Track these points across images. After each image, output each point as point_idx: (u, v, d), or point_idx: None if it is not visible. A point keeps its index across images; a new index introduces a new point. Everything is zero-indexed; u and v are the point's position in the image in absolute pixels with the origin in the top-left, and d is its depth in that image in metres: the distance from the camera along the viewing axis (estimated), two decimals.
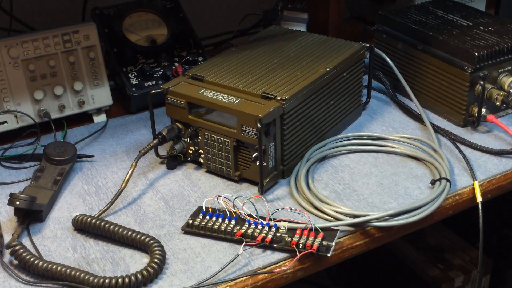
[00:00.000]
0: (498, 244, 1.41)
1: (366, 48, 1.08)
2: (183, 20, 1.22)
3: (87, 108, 1.13)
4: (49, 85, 1.09)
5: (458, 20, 1.17)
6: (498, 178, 0.95)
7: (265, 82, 0.95)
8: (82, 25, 1.10)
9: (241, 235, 0.80)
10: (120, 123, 1.14)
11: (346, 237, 0.83)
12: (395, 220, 0.84)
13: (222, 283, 0.75)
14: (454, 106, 1.08)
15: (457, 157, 0.99)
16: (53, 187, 0.92)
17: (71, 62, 1.10)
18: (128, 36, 1.17)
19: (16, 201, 0.83)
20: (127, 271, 0.77)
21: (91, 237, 0.84)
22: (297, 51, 1.06)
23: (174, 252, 0.81)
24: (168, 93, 0.95)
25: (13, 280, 0.77)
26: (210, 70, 1.00)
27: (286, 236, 0.80)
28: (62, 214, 0.89)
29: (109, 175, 0.98)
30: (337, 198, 0.90)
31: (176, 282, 0.76)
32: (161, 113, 1.07)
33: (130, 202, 0.91)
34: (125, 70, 1.14)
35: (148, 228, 0.85)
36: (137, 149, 1.03)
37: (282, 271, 0.77)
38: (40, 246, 0.82)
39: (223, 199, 0.84)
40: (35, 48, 1.06)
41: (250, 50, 1.07)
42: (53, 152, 0.97)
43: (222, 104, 0.90)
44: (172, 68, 1.17)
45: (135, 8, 1.19)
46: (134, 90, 1.13)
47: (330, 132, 1.04)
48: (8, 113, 1.06)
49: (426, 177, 0.95)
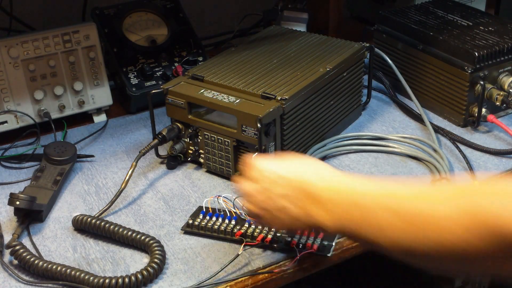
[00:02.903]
0: None
1: (366, 48, 1.08)
2: (183, 20, 1.22)
3: (87, 108, 1.13)
4: (49, 85, 1.09)
5: (458, 20, 1.17)
6: None
7: (265, 82, 0.95)
8: (82, 25, 1.10)
9: (241, 235, 0.80)
10: (120, 123, 1.14)
11: (346, 237, 0.83)
12: None
13: (222, 283, 0.75)
14: (454, 106, 1.08)
15: (457, 157, 0.99)
16: (53, 187, 0.92)
17: (71, 62, 1.10)
18: (128, 36, 1.17)
19: (16, 201, 0.83)
20: (127, 271, 0.77)
21: (91, 237, 0.84)
22: (297, 51, 1.06)
23: (174, 252, 0.81)
24: (168, 93, 0.95)
25: (13, 280, 0.77)
26: (210, 70, 1.00)
27: (286, 236, 0.80)
28: (62, 214, 0.89)
29: (109, 175, 0.98)
30: None
31: (176, 282, 0.76)
32: (161, 113, 1.07)
33: (130, 202, 0.91)
34: (125, 70, 1.14)
35: (148, 228, 0.85)
36: (137, 149, 1.03)
37: (282, 271, 0.77)
38: (40, 246, 0.82)
39: (223, 199, 0.84)
40: (35, 48, 1.06)
41: (250, 50, 1.07)
42: (53, 152, 0.97)
43: (222, 104, 0.90)
44: (172, 68, 1.17)
45: (135, 8, 1.19)
46: (134, 90, 1.13)
47: (330, 132, 1.04)
48: (8, 113, 1.06)
49: (426, 177, 0.94)
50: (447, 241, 0.52)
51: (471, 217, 0.50)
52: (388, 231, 0.58)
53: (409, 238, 0.56)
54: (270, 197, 0.68)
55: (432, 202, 0.55)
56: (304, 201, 0.66)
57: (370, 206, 0.60)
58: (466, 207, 0.51)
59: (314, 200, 0.65)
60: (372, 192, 0.61)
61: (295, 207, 0.66)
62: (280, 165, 0.70)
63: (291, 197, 0.67)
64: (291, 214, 0.67)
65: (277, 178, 0.68)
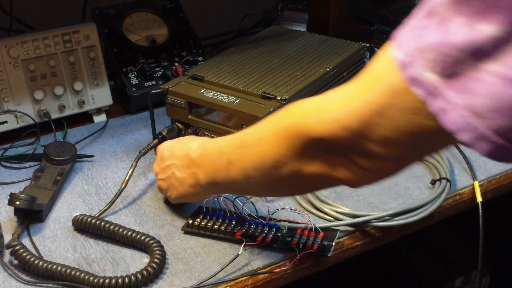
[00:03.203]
0: (498, 244, 1.41)
1: (366, 48, 1.08)
2: (183, 20, 1.22)
3: (87, 108, 1.13)
4: (49, 85, 1.09)
5: None
6: (498, 178, 0.95)
7: (265, 82, 0.95)
8: (82, 25, 1.10)
9: (241, 235, 0.80)
10: (120, 123, 1.14)
11: (346, 237, 0.83)
12: (395, 220, 0.84)
13: (222, 283, 0.75)
14: None
15: (457, 157, 0.99)
16: (53, 187, 0.92)
17: (71, 62, 1.10)
18: (128, 36, 1.17)
19: (16, 201, 0.83)
20: (127, 271, 0.77)
21: (91, 237, 0.84)
22: (297, 51, 1.06)
23: (174, 252, 0.81)
24: (168, 93, 0.95)
25: (13, 280, 0.77)
26: (210, 70, 1.00)
27: (286, 236, 0.80)
28: (62, 214, 0.89)
29: (109, 175, 0.98)
30: (337, 198, 0.90)
31: (176, 282, 0.76)
32: (161, 113, 1.07)
33: (130, 202, 0.91)
34: (125, 70, 1.14)
35: (148, 228, 0.85)
36: (137, 149, 1.03)
37: (282, 271, 0.77)
38: (40, 246, 0.82)
39: (223, 199, 0.84)
40: (35, 48, 1.06)
41: (250, 50, 1.07)
42: (53, 152, 0.97)
43: (222, 104, 0.90)
44: (172, 68, 1.17)
45: (135, 8, 1.19)
46: (134, 90, 1.13)
47: None
48: (8, 113, 1.06)
49: (426, 177, 0.95)
50: (267, 156, 0.64)
51: (278, 129, 0.62)
52: (226, 168, 0.71)
53: (244, 164, 0.68)
54: (164, 169, 0.83)
55: (252, 130, 0.68)
56: (186, 165, 0.79)
57: (215, 152, 0.74)
58: (273, 124, 0.64)
59: (192, 161, 0.78)
60: (221, 141, 0.74)
61: (181, 172, 0.80)
62: (172, 143, 0.85)
63: (178, 164, 0.81)
64: (179, 178, 0.80)
65: (168, 153, 0.83)
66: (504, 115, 0.46)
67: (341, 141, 0.57)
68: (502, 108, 0.46)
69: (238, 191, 0.78)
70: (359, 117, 0.54)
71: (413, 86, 0.50)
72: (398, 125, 0.52)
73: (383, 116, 0.53)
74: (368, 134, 0.54)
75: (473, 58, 0.46)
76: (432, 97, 0.49)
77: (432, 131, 0.51)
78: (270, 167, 0.64)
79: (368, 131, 0.54)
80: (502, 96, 0.46)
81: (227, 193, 0.82)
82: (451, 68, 0.47)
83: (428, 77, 0.48)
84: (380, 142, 0.54)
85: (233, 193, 0.83)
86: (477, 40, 0.45)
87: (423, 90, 0.49)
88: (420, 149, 0.57)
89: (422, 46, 0.49)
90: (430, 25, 0.48)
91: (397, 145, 0.54)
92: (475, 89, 0.47)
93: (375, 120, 0.53)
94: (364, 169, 0.58)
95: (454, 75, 0.47)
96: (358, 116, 0.54)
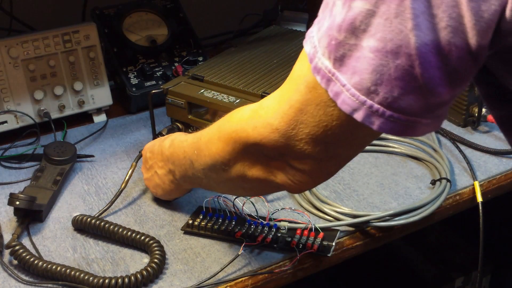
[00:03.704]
0: (498, 244, 1.41)
1: None
2: (183, 20, 1.22)
3: (87, 108, 1.13)
4: (49, 85, 1.09)
5: None
6: (498, 178, 0.95)
7: (265, 82, 0.95)
8: (82, 25, 1.10)
9: (241, 235, 0.80)
10: (120, 123, 1.14)
11: (346, 237, 0.83)
12: (395, 220, 0.84)
13: (222, 283, 0.75)
14: (454, 106, 1.08)
15: (457, 157, 0.99)
16: (53, 187, 0.92)
17: (71, 62, 1.10)
18: (128, 36, 1.17)
19: (16, 201, 0.83)
20: (127, 271, 0.77)
21: (91, 237, 0.84)
22: (297, 51, 1.05)
23: (174, 252, 0.80)
24: (168, 93, 0.95)
25: (13, 280, 0.77)
26: (210, 70, 1.00)
27: (286, 236, 0.80)
28: (62, 214, 0.89)
29: (109, 175, 0.98)
30: (337, 198, 0.90)
31: (176, 282, 0.76)
32: (161, 113, 1.07)
33: (130, 202, 0.91)
34: (125, 70, 1.14)
35: (148, 228, 0.85)
36: (137, 149, 1.03)
37: (282, 271, 0.77)
38: (40, 246, 0.82)
39: (223, 199, 0.84)
40: (35, 48, 1.06)
41: (250, 50, 1.07)
42: (53, 152, 0.97)
43: (222, 104, 0.90)
44: (172, 68, 1.17)
45: (135, 8, 1.19)
46: (134, 90, 1.13)
47: None
48: (8, 113, 1.06)
49: (426, 177, 0.94)
50: (214, 159, 0.67)
51: (221, 135, 0.65)
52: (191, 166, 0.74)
53: (202, 164, 0.71)
54: (148, 169, 0.87)
55: (205, 133, 0.70)
56: (164, 162, 0.82)
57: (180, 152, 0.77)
58: (217, 128, 0.67)
59: (166, 158, 0.81)
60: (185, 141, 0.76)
61: (160, 169, 0.83)
62: (153, 142, 0.87)
63: (157, 162, 0.84)
64: (160, 175, 0.83)
65: (150, 153, 0.86)
66: (386, 86, 0.47)
67: (274, 145, 0.58)
68: (383, 80, 0.47)
69: (207, 188, 0.80)
70: (286, 117, 0.55)
71: (316, 75, 0.51)
72: (319, 120, 0.53)
73: (305, 113, 0.54)
74: (296, 134, 0.55)
75: (353, 37, 0.48)
76: (329, 83, 0.50)
77: (346, 120, 0.51)
78: (220, 169, 0.67)
79: (296, 131, 0.55)
80: (379, 69, 0.47)
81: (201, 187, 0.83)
82: (338, 51, 0.49)
83: (325, 64, 0.50)
84: (308, 141, 0.55)
85: (205, 189, 0.84)
86: (353, 16, 0.47)
87: (323, 78, 0.50)
88: (349, 144, 0.57)
89: (320, 36, 0.51)
90: (325, 14, 0.51)
91: (324, 142, 0.55)
92: (359, 67, 0.48)
93: (299, 118, 0.54)
94: (301, 172, 0.59)
95: (343, 58, 0.49)
96: (285, 117, 0.56)
